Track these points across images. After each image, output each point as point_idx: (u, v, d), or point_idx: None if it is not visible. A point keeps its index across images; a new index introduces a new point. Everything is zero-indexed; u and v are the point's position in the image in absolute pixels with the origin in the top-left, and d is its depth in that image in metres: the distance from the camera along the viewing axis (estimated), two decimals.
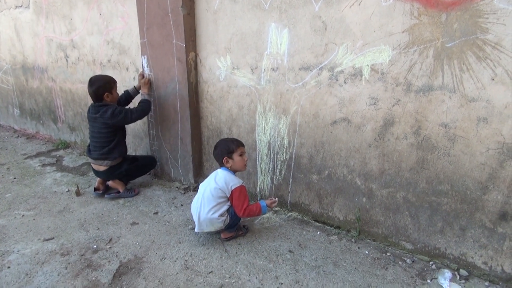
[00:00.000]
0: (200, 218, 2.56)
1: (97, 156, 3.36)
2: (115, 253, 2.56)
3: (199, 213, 2.56)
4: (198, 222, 2.58)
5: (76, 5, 4.16)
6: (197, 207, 2.60)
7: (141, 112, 3.34)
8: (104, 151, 3.33)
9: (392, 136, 2.39)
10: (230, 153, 2.62)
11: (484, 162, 2.09)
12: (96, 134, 3.32)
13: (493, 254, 2.20)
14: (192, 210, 2.67)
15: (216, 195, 2.55)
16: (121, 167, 3.44)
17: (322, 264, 2.43)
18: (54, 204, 3.34)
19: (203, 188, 2.63)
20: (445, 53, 2.07)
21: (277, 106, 2.89)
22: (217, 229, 2.61)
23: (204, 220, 2.55)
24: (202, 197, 2.59)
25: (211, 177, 2.66)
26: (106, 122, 3.22)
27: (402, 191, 2.45)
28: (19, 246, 2.66)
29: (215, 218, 2.53)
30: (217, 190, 2.55)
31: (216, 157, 2.68)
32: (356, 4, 2.30)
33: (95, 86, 3.20)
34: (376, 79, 2.36)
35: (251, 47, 2.89)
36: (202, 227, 2.59)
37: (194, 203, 2.66)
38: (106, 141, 3.32)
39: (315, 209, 2.95)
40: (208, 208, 2.54)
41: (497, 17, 1.88)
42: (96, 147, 3.36)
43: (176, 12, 3.08)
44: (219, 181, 2.56)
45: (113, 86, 3.30)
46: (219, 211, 2.54)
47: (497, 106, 1.98)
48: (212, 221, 2.54)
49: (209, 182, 2.62)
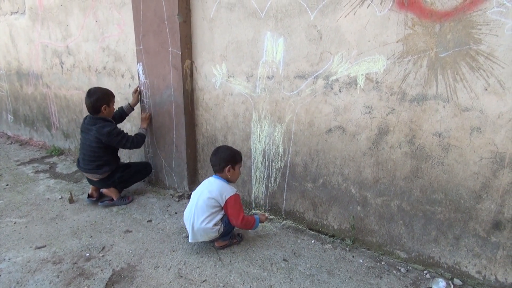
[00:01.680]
0: (194, 228, 2.54)
1: (87, 169, 3.33)
2: (108, 262, 2.54)
3: (193, 223, 2.54)
4: (192, 232, 2.55)
5: (72, 12, 4.16)
6: (190, 216, 2.57)
7: (135, 144, 3.35)
8: (93, 165, 3.29)
9: (386, 145, 2.40)
10: (234, 163, 2.62)
11: (477, 171, 2.11)
12: (87, 147, 3.27)
13: (486, 263, 2.21)
14: (185, 220, 2.65)
15: (210, 205, 2.52)
16: (113, 176, 3.40)
17: (316, 273, 2.42)
18: (47, 211, 3.30)
19: (195, 197, 2.60)
20: (439, 63, 2.09)
21: (272, 114, 2.89)
22: (211, 238, 2.59)
23: (198, 230, 2.53)
24: (195, 207, 2.56)
25: (203, 185, 2.64)
26: (100, 138, 3.18)
27: (396, 200, 2.46)
28: (11, 254, 2.63)
29: (209, 228, 2.51)
30: (210, 200, 2.52)
31: (216, 161, 2.61)
32: (351, 14, 2.33)
33: (94, 97, 3.17)
34: (370, 88, 2.37)
35: (247, 55, 2.90)
36: (196, 237, 2.57)
37: (187, 213, 2.63)
38: (96, 155, 3.27)
39: (310, 217, 2.94)
40: (202, 218, 2.51)
41: (490, 28, 1.90)
42: (85, 160, 3.31)
43: (172, 20, 3.09)
44: (212, 191, 2.54)
45: (111, 99, 3.29)
46: (213, 220, 2.53)
47: (490, 116, 1.99)
48: (206, 231, 2.52)
49: (201, 191, 2.60)
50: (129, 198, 3.50)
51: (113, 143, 3.24)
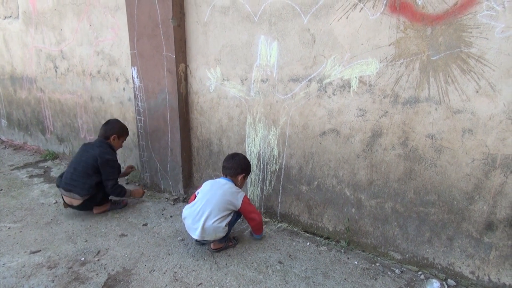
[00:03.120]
0: (205, 225, 2.51)
1: (71, 185, 3.12)
2: (103, 266, 2.53)
3: (205, 220, 2.52)
4: (201, 229, 2.52)
5: (66, 16, 4.16)
6: (201, 214, 2.55)
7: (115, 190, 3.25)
8: (80, 182, 3.12)
9: (380, 147, 2.42)
10: (248, 173, 2.81)
11: (470, 172, 2.13)
12: (82, 162, 3.16)
13: (480, 264, 2.23)
14: (191, 217, 2.60)
15: (226, 207, 2.57)
16: (95, 197, 3.24)
17: (312, 275, 2.43)
18: (42, 216, 3.29)
19: (206, 196, 2.60)
20: (431, 66, 2.11)
21: (267, 117, 2.91)
22: (217, 238, 2.59)
23: (208, 228, 2.52)
24: (207, 205, 2.55)
25: (215, 186, 2.65)
26: (97, 159, 3.13)
27: (390, 202, 2.48)
28: (5, 259, 2.61)
29: (221, 227, 2.53)
30: (228, 201, 2.58)
31: (233, 166, 2.72)
32: (344, 18, 2.35)
33: (110, 125, 3.29)
34: (364, 91, 2.39)
35: (241, 59, 2.91)
36: (204, 234, 2.54)
37: (194, 211, 2.59)
38: (86, 173, 3.13)
39: (305, 220, 2.95)
40: (217, 217, 2.53)
41: (480, 31, 1.93)
42: (74, 175, 3.14)
43: (167, 24, 3.10)
44: (227, 194, 2.60)
45: (123, 135, 3.38)
46: (225, 220, 2.56)
47: (482, 117, 2.02)
48: (216, 229, 2.53)
49: (213, 192, 2.61)
50: (124, 202, 3.49)
51: (103, 170, 3.17)
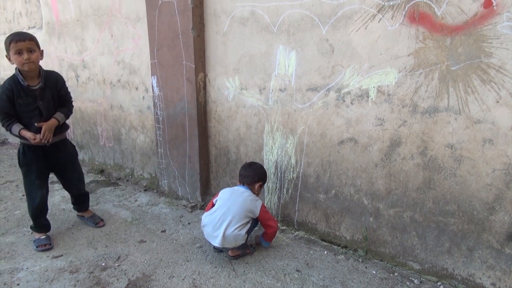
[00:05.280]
0: (225, 233, 2.53)
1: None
2: (123, 271, 2.58)
3: (226, 228, 2.54)
4: (222, 237, 2.53)
5: (88, 27, 4.28)
6: (221, 222, 2.57)
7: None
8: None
9: (398, 157, 2.43)
10: (264, 181, 2.87)
11: (490, 183, 2.12)
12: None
13: (501, 275, 2.21)
14: (211, 224, 2.61)
15: (246, 215, 2.61)
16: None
17: (329, 283, 2.43)
18: (63, 221, 3.37)
19: (227, 205, 2.62)
20: (450, 76, 2.12)
21: (285, 126, 2.94)
22: (236, 245, 2.61)
23: (229, 236, 2.54)
24: (228, 212, 2.58)
25: (234, 194, 2.69)
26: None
27: (409, 211, 2.47)
28: (28, 263, 2.68)
29: (241, 234, 2.55)
30: (248, 209, 2.61)
31: (251, 174, 2.78)
32: (362, 28, 2.38)
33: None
34: (382, 100, 2.41)
35: (259, 68, 2.96)
36: (224, 242, 2.56)
37: (215, 218, 2.61)
38: None
39: (322, 228, 2.96)
40: (237, 224, 2.55)
41: (501, 42, 1.93)
42: None
43: (187, 34, 3.17)
44: (247, 202, 2.63)
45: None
46: (244, 228, 2.58)
47: (502, 127, 2.02)
48: (237, 237, 2.55)
49: (233, 200, 2.64)
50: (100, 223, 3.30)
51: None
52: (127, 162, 4.46)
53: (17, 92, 2.65)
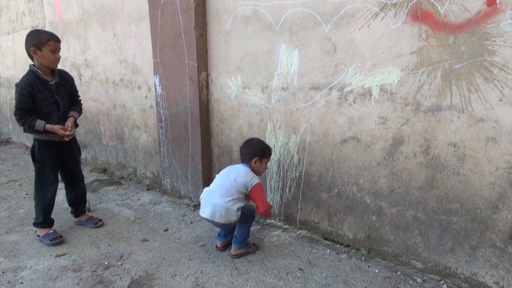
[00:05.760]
0: (215, 205, 2.52)
1: None
2: (126, 270, 2.59)
3: (216, 200, 2.53)
4: (212, 209, 2.53)
5: (90, 26, 4.29)
6: (214, 193, 2.57)
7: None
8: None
9: (401, 155, 2.42)
10: (262, 156, 2.69)
11: (493, 181, 2.11)
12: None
13: (504, 274, 2.20)
14: (205, 196, 2.63)
15: (238, 190, 2.54)
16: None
17: (332, 282, 2.43)
18: (66, 220, 3.38)
19: (221, 179, 2.63)
20: (453, 74, 2.11)
21: (287, 125, 2.94)
22: (229, 221, 2.56)
23: (219, 207, 2.51)
24: (220, 187, 2.57)
25: (231, 170, 2.66)
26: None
27: (411, 210, 2.47)
28: (32, 262, 2.69)
29: (233, 210, 2.51)
30: (240, 184, 2.55)
31: (246, 152, 2.69)
32: (365, 27, 2.37)
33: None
34: (385, 99, 2.40)
35: (262, 67, 2.96)
36: (215, 214, 2.54)
37: (208, 192, 2.63)
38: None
39: (325, 227, 2.96)
40: (228, 198, 2.51)
41: (504, 40, 1.93)
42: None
43: (189, 33, 3.17)
44: (240, 175, 2.57)
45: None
46: (236, 204, 2.53)
47: (506, 126, 2.01)
48: (228, 211, 2.51)
49: (228, 174, 2.62)
50: (99, 223, 3.31)
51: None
52: (130, 161, 4.47)
53: (36, 87, 2.74)
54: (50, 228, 3.05)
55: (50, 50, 2.74)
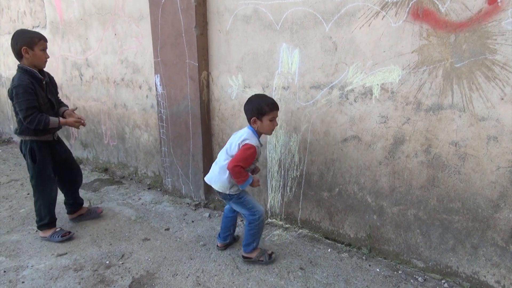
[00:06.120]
0: (213, 169, 2.56)
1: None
2: (127, 269, 2.59)
3: (214, 164, 2.56)
4: (211, 173, 2.58)
5: (91, 26, 4.29)
6: (216, 161, 2.59)
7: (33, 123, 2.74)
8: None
9: (402, 154, 2.42)
10: (260, 114, 2.44)
11: (495, 180, 2.11)
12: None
13: (506, 273, 2.20)
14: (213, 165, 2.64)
15: (231, 153, 2.45)
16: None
17: (333, 281, 2.43)
18: (67, 219, 3.38)
19: (229, 142, 2.55)
20: (454, 73, 2.11)
21: (288, 124, 2.94)
22: (219, 189, 2.52)
23: (214, 172, 2.54)
24: (221, 152, 2.57)
25: (235, 134, 2.57)
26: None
27: (413, 209, 2.46)
28: (33, 261, 2.70)
29: (223, 179, 2.46)
30: (233, 148, 2.45)
31: (245, 112, 2.53)
32: (366, 26, 2.37)
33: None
34: (386, 98, 2.40)
35: (263, 66, 2.95)
36: (211, 178, 2.56)
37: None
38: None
39: (326, 226, 2.96)
40: (223, 163, 2.47)
41: (505, 38, 1.92)
42: None
43: (190, 32, 3.17)
44: (237, 138, 2.47)
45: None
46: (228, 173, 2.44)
47: (507, 125, 2.00)
48: (219, 178, 2.48)
49: (234, 136, 2.54)
50: (99, 210, 3.46)
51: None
52: (131, 160, 4.47)
53: (34, 85, 2.74)
54: (56, 227, 3.06)
55: (41, 49, 2.77)
